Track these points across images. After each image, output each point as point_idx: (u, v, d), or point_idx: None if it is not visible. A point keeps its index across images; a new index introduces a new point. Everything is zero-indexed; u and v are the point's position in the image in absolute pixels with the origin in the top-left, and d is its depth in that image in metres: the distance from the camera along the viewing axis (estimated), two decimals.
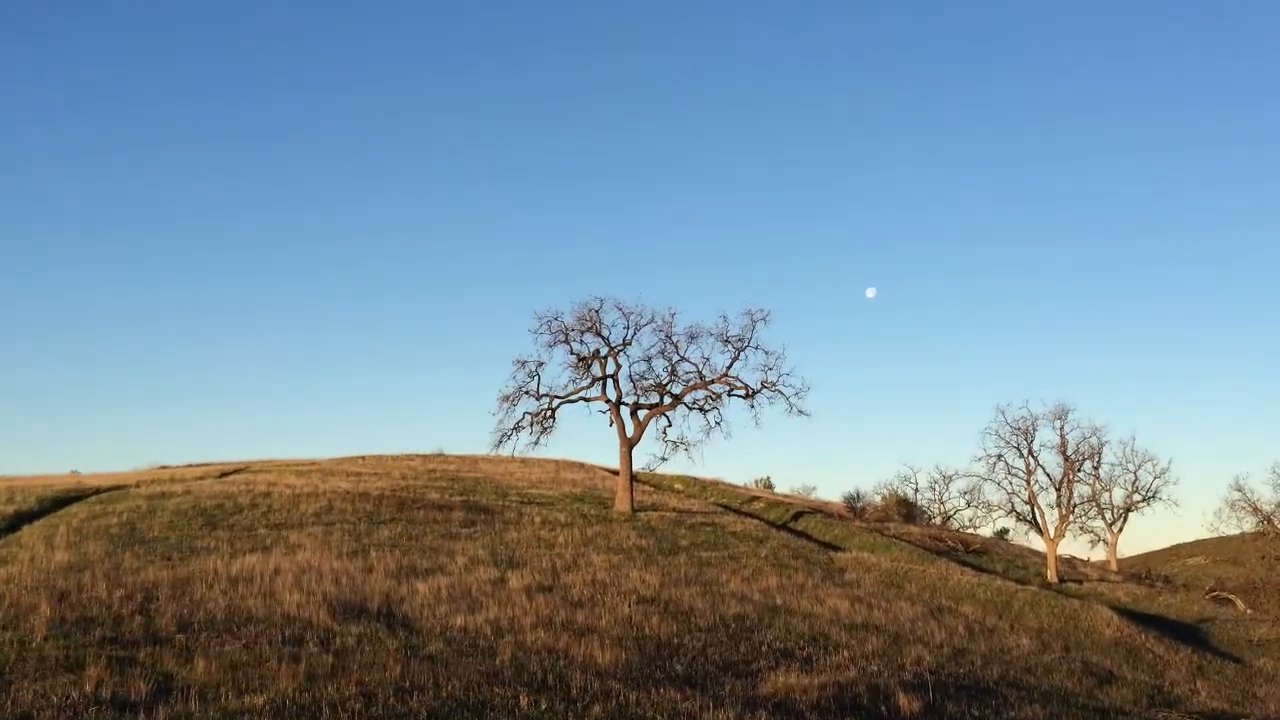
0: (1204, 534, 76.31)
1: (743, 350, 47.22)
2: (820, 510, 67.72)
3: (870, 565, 36.25)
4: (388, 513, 36.93)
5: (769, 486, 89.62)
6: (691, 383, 47.62)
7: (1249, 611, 52.37)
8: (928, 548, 54.57)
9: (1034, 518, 56.82)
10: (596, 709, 12.34)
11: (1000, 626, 27.69)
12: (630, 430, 47.18)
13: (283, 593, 20.11)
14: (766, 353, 47.20)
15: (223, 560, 24.65)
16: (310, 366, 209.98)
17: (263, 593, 20.19)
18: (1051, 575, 53.70)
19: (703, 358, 48.07)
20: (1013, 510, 58.31)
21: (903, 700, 14.53)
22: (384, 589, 21.75)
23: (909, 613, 26.50)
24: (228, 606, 18.45)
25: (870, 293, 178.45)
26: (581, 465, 77.22)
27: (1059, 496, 57.06)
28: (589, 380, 47.76)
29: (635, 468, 48.30)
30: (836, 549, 44.81)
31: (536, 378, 47.66)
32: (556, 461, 76.53)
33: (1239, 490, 62.79)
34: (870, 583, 32.31)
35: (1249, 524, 63.96)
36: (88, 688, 11.99)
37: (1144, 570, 76.48)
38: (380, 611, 19.25)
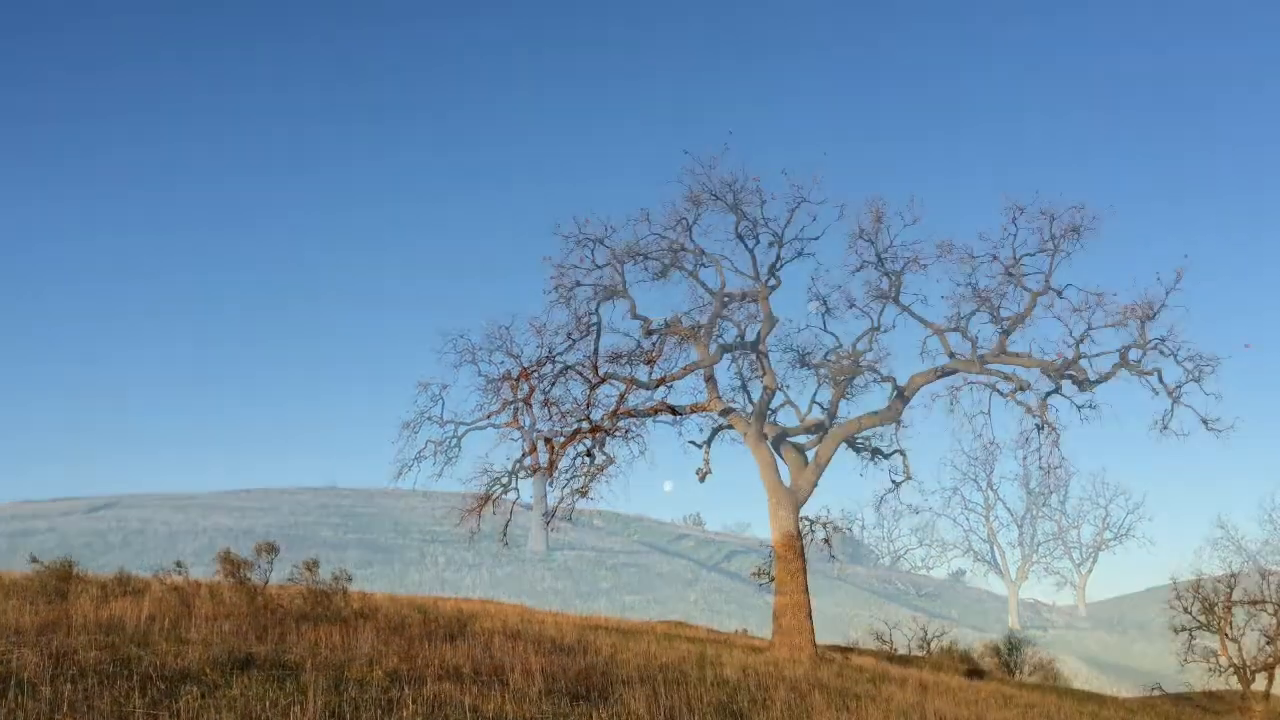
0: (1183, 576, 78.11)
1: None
2: (755, 550, 68.82)
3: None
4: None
5: (699, 523, 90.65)
6: (613, 407, 48.30)
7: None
8: (876, 591, 55.95)
9: (993, 557, 57.95)
10: None
11: None
12: (544, 460, 47.69)
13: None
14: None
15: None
16: (187, 390, 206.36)
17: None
18: (1013, 621, 54.84)
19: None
20: (970, 549, 59.32)
21: None
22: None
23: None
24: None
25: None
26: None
27: (1021, 534, 58.27)
28: (499, 404, 48.22)
29: (550, 502, 48.90)
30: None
31: (441, 402, 48.01)
32: (463, 495, 76.62)
33: (1222, 528, 65.08)
34: None
35: (1233, 564, 66.21)
36: None
37: (1116, 616, 78.42)
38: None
